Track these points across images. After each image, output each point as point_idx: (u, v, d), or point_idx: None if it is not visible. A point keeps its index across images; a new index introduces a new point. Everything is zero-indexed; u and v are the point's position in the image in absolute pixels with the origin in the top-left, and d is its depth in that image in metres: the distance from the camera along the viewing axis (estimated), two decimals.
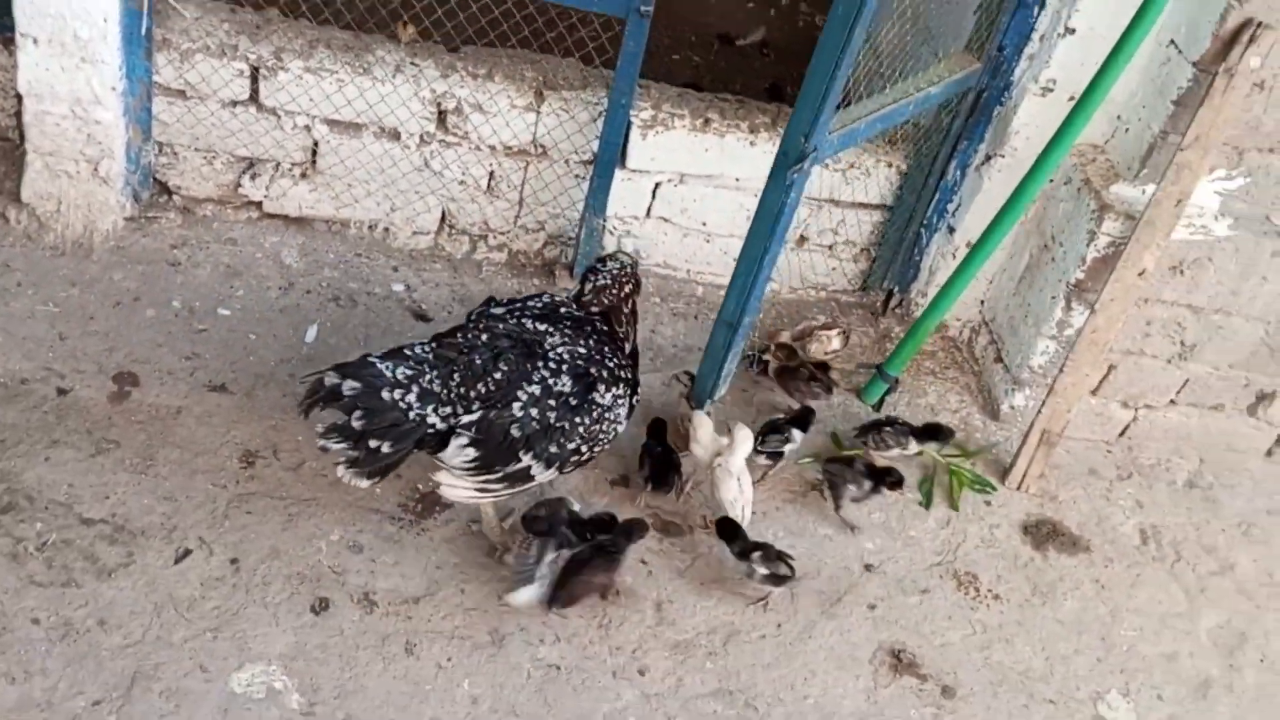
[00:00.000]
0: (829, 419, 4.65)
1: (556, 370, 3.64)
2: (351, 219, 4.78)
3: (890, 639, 4.02)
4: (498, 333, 3.69)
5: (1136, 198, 4.33)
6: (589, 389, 3.66)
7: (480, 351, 3.63)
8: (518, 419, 3.56)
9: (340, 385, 3.43)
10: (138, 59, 4.25)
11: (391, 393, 3.47)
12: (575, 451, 3.69)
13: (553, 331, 3.74)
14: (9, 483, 3.70)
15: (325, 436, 3.47)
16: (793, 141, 3.79)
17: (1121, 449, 4.94)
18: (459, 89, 4.47)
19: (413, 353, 3.60)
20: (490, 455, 3.57)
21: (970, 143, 4.69)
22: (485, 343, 3.66)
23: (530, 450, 3.60)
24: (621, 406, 3.78)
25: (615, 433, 3.81)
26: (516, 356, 3.63)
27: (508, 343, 3.66)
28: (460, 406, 3.55)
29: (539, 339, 3.71)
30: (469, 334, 3.70)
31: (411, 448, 3.53)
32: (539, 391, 3.60)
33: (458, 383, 3.56)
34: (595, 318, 3.86)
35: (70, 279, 4.33)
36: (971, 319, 5.10)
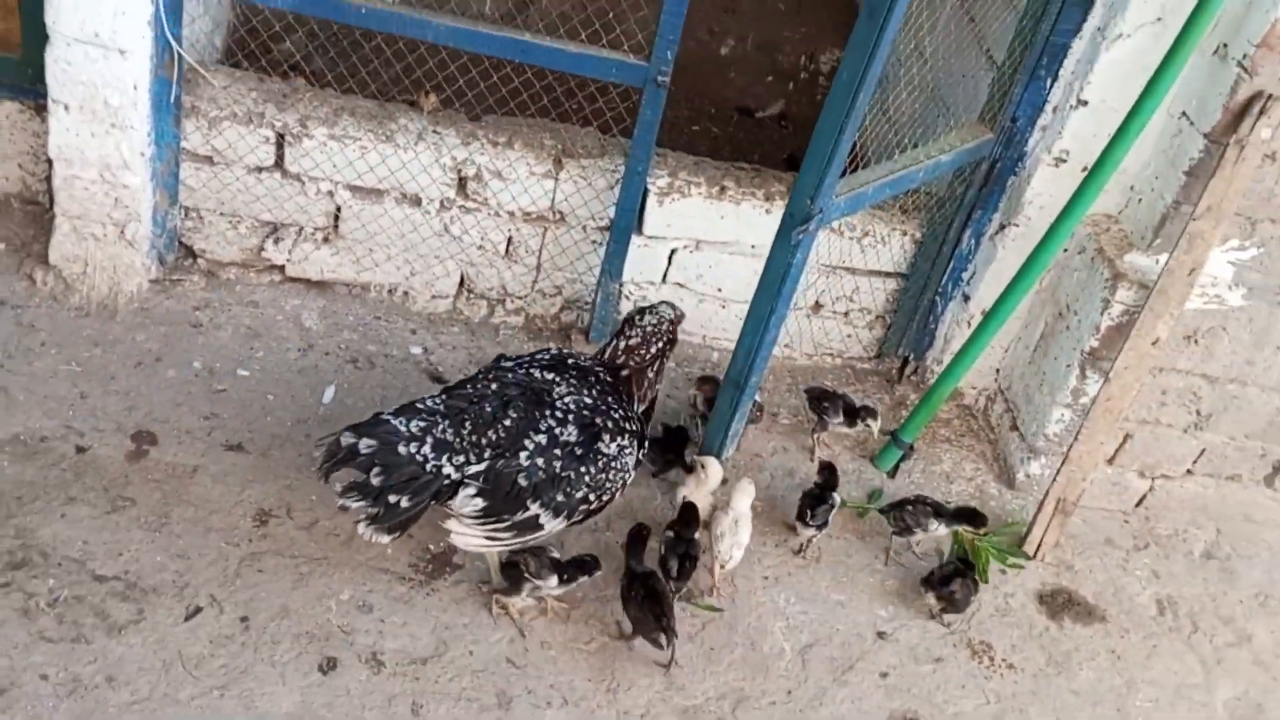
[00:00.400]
0: (852, 487, 4.64)
1: (563, 420, 3.68)
2: (372, 282, 4.85)
3: (903, 707, 3.98)
4: (506, 382, 3.75)
5: (1150, 267, 4.34)
6: (594, 439, 3.70)
7: (490, 399, 3.68)
8: (524, 468, 3.60)
9: (357, 444, 3.48)
10: (167, 125, 4.36)
11: (407, 446, 3.52)
12: (583, 500, 3.72)
13: (559, 381, 3.79)
14: (24, 539, 3.74)
15: (344, 495, 3.51)
16: (798, 203, 3.83)
17: (1138, 519, 4.90)
18: (479, 156, 4.55)
19: (424, 405, 3.65)
20: (498, 504, 3.62)
21: (984, 211, 4.72)
22: (494, 391, 3.71)
23: (538, 499, 3.64)
24: (628, 456, 3.80)
25: (623, 482, 3.84)
26: (525, 404, 3.68)
27: (516, 391, 3.71)
28: (473, 454, 3.59)
29: (546, 388, 3.75)
30: (478, 384, 3.75)
31: (429, 500, 3.56)
32: (545, 441, 3.63)
33: (469, 430, 3.60)
34: (599, 369, 3.91)
35: (94, 339, 4.41)
36: (987, 387, 5.09)
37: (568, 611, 3.95)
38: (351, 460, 3.48)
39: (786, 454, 4.74)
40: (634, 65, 4.28)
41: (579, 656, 3.87)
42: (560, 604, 3.95)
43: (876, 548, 4.46)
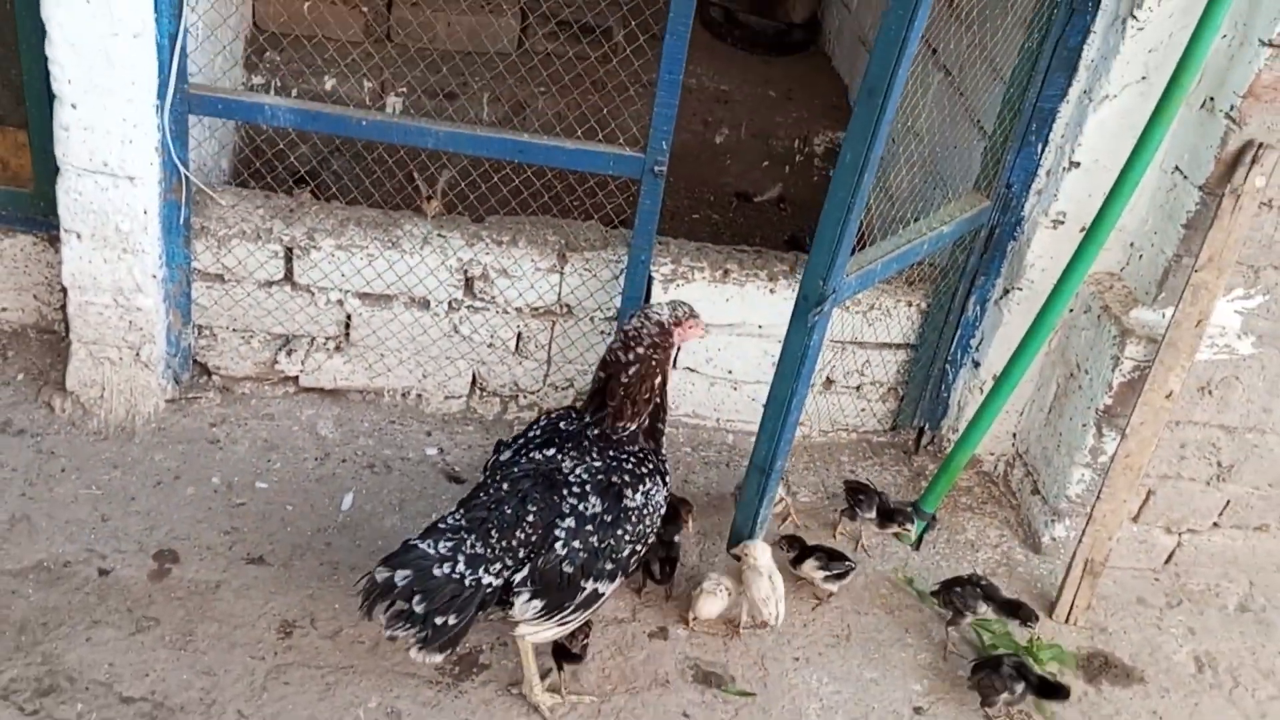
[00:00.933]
0: (876, 562, 4.61)
1: (582, 494, 3.66)
2: (385, 387, 4.89)
3: None
4: (514, 477, 3.72)
5: (1157, 321, 4.35)
6: (618, 499, 3.68)
7: (507, 500, 3.65)
8: (564, 556, 3.58)
9: (392, 577, 3.43)
10: (177, 247, 4.45)
11: (441, 568, 3.47)
12: (631, 554, 3.75)
13: (561, 455, 3.76)
14: (50, 664, 3.74)
15: (391, 626, 3.44)
16: (811, 285, 3.87)
17: (1169, 576, 4.84)
18: (484, 256, 4.62)
19: (447, 524, 3.61)
20: (555, 598, 3.60)
21: (987, 278, 4.76)
22: (508, 491, 3.68)
23: (589, 576, 3.63)
24: (656, 494, 3.79)
25: (656, 521, 3.84)
26: (540, 494, 3.65)
27: (528, 483, 3.68)
28: (508, 558, 3.56)
29: (554, 467, 3.73)
30: (491, 489, 3.73)
31: (475, 612, 3.50)
32: (574, 523, 3.61)
33: (497, 538, 3.56)
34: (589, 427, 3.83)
35: (113, 461, 4.44)
36: (1005, 452, 5.08)
37: (597, 705, 3.91)
38: (391, 593, 3.43)
39: (809, 532, 4.71)
40: (630, 158, 4.36)
41: None
42: (585, 696, 3.93)
43: (907, 621, 4.41)
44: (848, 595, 4.46)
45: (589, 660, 4.02)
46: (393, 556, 3.50)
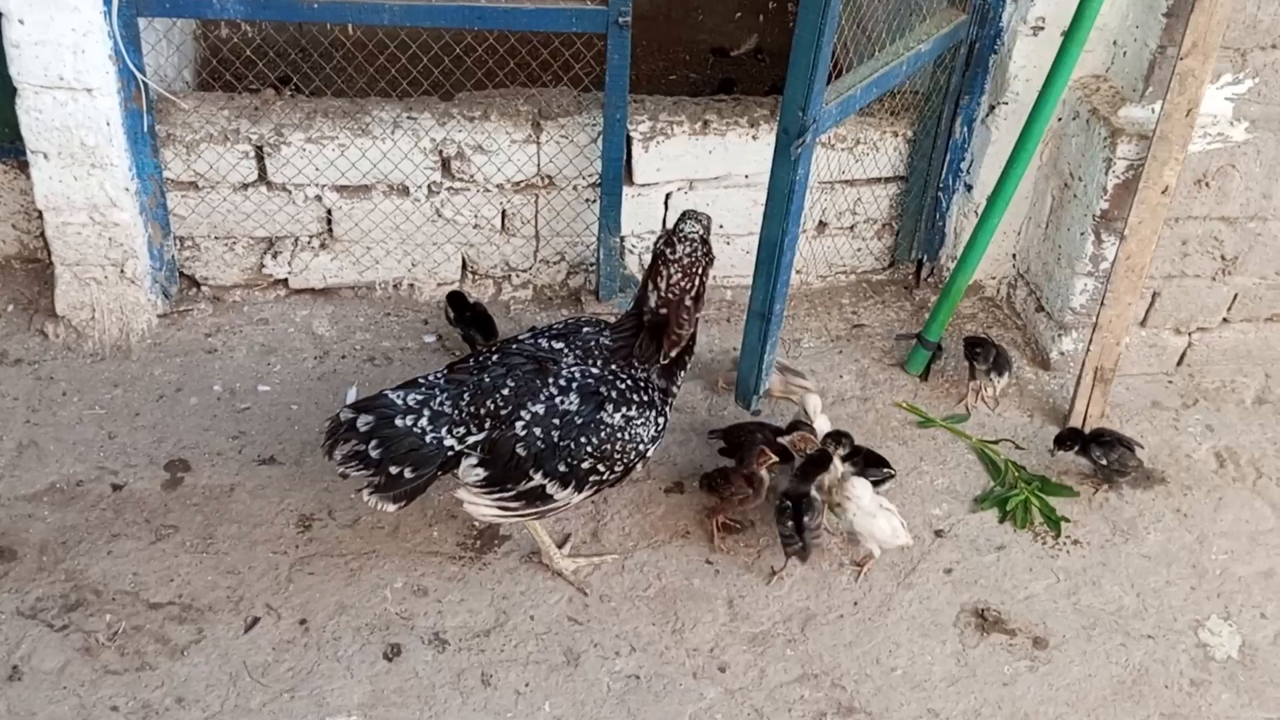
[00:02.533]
0: (884, 394, 4.59)
1: (565, 388, 3.61)
2: (375, 280, 4.85)
3: (972, 599, 3.92)
4: (511, 352, 3.70)
5: (1147, 118, 4.25)
6: (598, 408, 3.59)
7: (491, 370, 3.64)
8: (521, 438, 3.55)
9: (355, 420, 3.54)
10: (145, 157, 4.38)
11: (404, 419, 3.54)
12: (591, 471, 3.62)
13: (567, 350, 3.70)
14: (75, 580, 3.76)
15: (344, 464, 3.57)
16: (791, 117, 3.78)
17: (1183, 377, 4.80)
18: (457, 134, 4.54)
19: (425, 380, 3.66)
20: (499, 473, 3.59)
21: (971, 96, 4.65)
22: (496, 361, 3.67)
23: (540, 469, 3.57)
24: (639, 427, 3.65)
25: (638, 453, 3.69)
26: (525, 374, 3.62)
27: (520, 360, 3.66)
28: (473, 425, 3.58)
29: (552, 357, 3.68)
30: (482, 358, 3.73)
31: (435, 471, 3.57)
32: (543, 410, 3.57)
33: (468, 402, 3.58)
34: (610, 340, 3.72)
35: (113, 380, 4.43)
36: (1006, 275, 5.01)
37: (621, 561, 3.93)
38: (352, 435, 3.54)
39: (815, 376, 4.67)
40: (593, 11, 4.24)
41: (640, 604, 3.84)
42: (608, 556, 3.95)
43: (921, 450, 4.40)
44: (860, 431, 4.43)
45: (609, 521, 4.06)
46: (361, 400, 3.62)
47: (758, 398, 4.46)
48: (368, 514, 4.04)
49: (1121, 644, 3.82)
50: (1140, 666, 3.77)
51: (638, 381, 3.69)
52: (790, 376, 4.48)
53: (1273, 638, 3.90)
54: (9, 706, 3.41)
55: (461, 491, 3.64)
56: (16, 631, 3.59)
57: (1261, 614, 3.95)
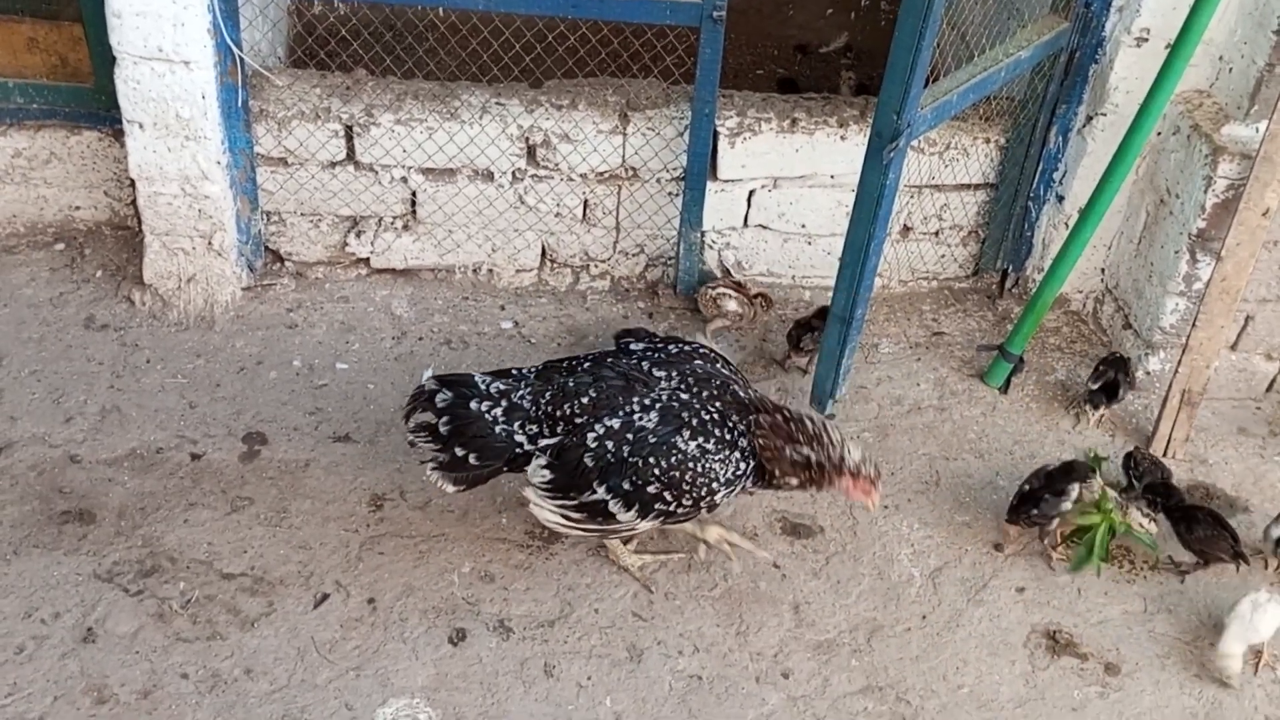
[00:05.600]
0: (963, 405, 4.53)
1: (647, 407, 3.52)
2: (455, 264, 4.87)
3: (1044, 620, 3.85)
4: (607, 364, 3.62)
5: (1250, 137, 4.13)
6: (674, 431, 3.47)
7: (579, 375, 3.60)
8: (591, 449, 3.48)
9: (437, 391, 3.57)
10: (238, 131, 4.43)
11: (480, 404, 3.55)
12: (657, 498, 3.48)
13: (668, 377, 3.59)
14: (151, 546, 3.83)
15: (414, 433, 3.62)
16: (885, 120, 3.72)
17: (1272, 404, 4.67)
18: (544, 121, 4.53)
19: (515, 373, 3.66)
20: (564, 480, 3.51)
21: (1069, 105, 4.55)
22: (586, 369, 3.62)
23: (604, 483, 3.48)
24: (715, 462, 3.48)
25: (709, 490, 3.51)
26: (610, 387, 3.55)
27: (610, 374, 3.59)
28: (547, 427, 3.55)
29: (645, 379, 3.58)
30: (576, 362, 3.67)
31: (502, 465, 3.56)
32: (618, 425, 3.49)
33: (548, 402, 3.55)
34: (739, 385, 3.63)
35: (195, 351, 4.50)
36: (1094, 289, 4.91)
37: (687, 559, 3.92)
38: (428, 405, 3.59)
39: (892, 383, 4.63)
40: (688, 4, 4.21)
41: (704, 604, 3.82)
42: (674, 554, 3.93)
43: (996, 465, 4.33)
44: (935, 441, 4.39)
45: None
46: (448, 376, 3.64)
47: (833, 401, 4.42)
48: (438, 497, 4.06)
49: (1196, 675, 3.74)
50: (1214, 699, 3.69)
51: (726, 419, 3.53)
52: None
53: None
54: (82, 668, 3.48)
55: (528, 491, 3.62)
56: (93, 594, 3.67)
57: None
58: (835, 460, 3.51)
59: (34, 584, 3.67)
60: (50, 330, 4.50)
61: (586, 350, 4.37)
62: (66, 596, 3.65)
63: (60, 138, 4.72)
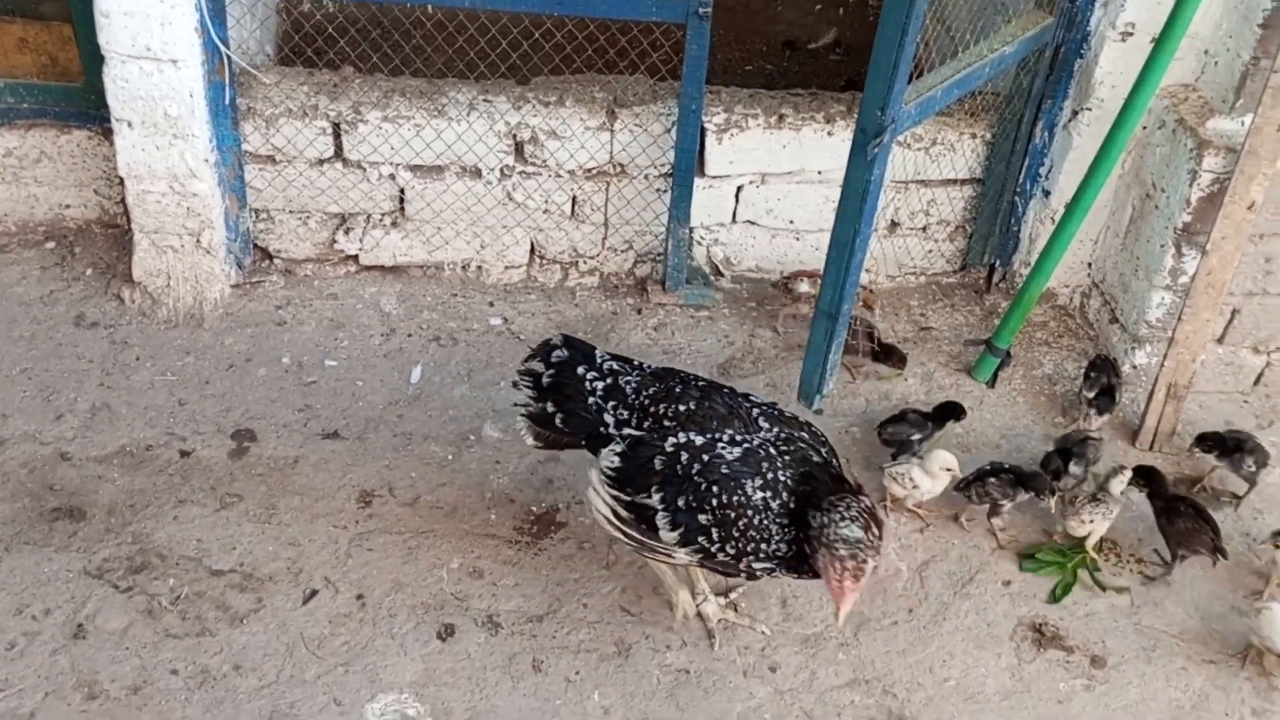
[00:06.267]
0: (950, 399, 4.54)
1: (736, 442, 3.40)
2: (444, 261, 4.88)
3: (1030, 614, 3.87)
4: (721, 391, 3.53)
5: (1236, 130, 4.15)
6: (749, 475, 3.32)
7: (688, 387, 3.52)
8: (666, 453, 3.38)
9: (556, 348, 3.62)
10: (226, 129, 4.44)
11: (585, 372, 3.56)
12: (703, 531, 3.33)
13: (770, 429, 3.44)
14: (141, 543, 3.84)
15: (520, 375, 3.66)
16: (869, 116, 3.73)
17: (1259, 397, 4.70)
18: (532, 118, 4.54)
19: (638, 363, 3.64)
20: (628, 472, 3.42)
21: (1054, 100, 4.57)
22: (700, 386, 3.54)
23: (662, 491, 3.36)
24: (775, 526, 3.29)
25: (755, 549, 3.32)
26: (710, 408, 3.46)
27: (719, 399, 3.49)
28: (636, 418, 3.51)
29: (749, 422, 3.45)
30: (695, 377, 3.60)
31: (582, 440, 3.55)
32: (701, 442, 3.38)
33: (647, 396, 3.50)
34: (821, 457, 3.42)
35: (185, 348, 4.51)
36: (1080, 283, 4.93)
37: None
38: (543, 356, 3.63)
39: (879, 378, 4.65)
40: (673, 0, 4.22)
41: None
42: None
43: (983, 458, 4.31)
44: None
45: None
46: (575, 339, 3.69)
47: (821, 397, 4.43)
48: (427, 493, 4.08)
49: (1182, 668, 3.75)
50: (1201, 692, 3.70)
51: (797, 494, 3.32)
52: None
53: None
54: (73, 664, 3.49)
55: (592, 473, 3.54)
56: (83, 590, 3.68)
57: None
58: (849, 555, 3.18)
59: (25, 581, 3.69)
60: (41, 328, 4.51)
61: None
62: (57, 593, 3.66)
63: (50, 137, 4.74)
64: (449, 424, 4.34)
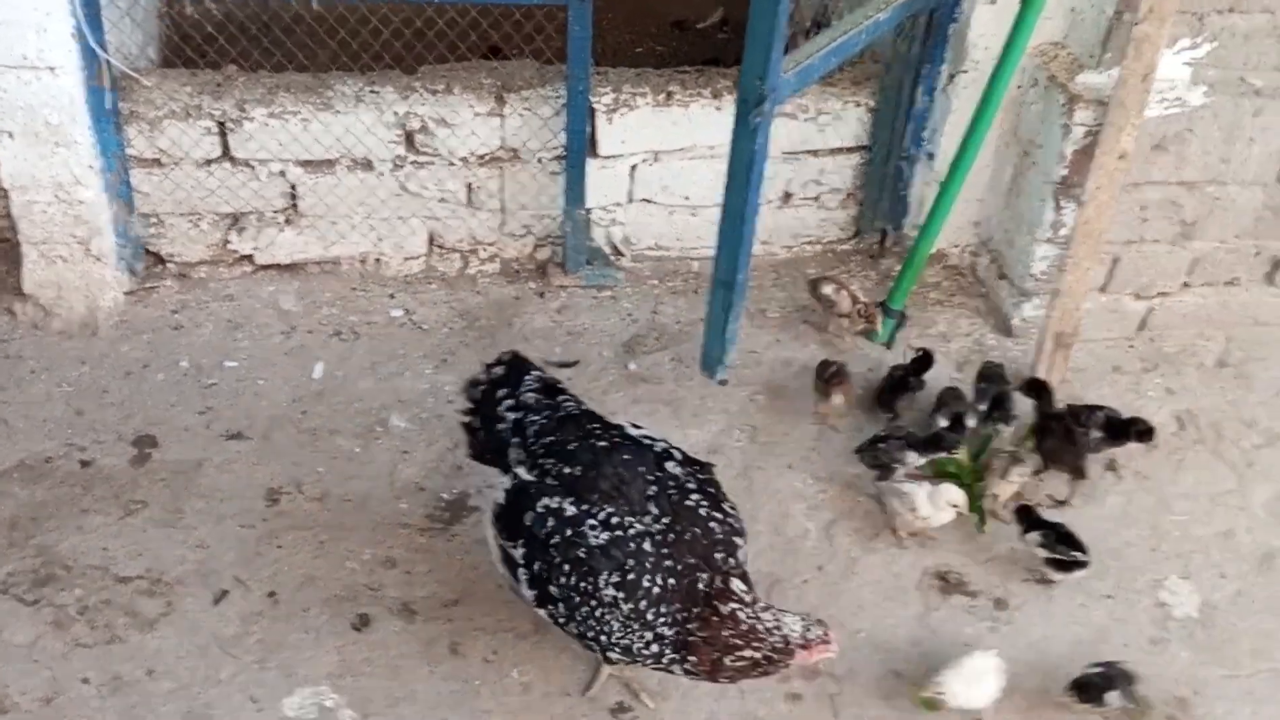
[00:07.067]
0: (851, 364, 4.63)
1: (606, 524, 3.15)
2: (341, 255, 4.85)
3: (935, 563, 3.98)
4: (621, 456, 3.27)
5: (1104, 84, 4.28)
6: (601, 566, 3.11)
7: (585, 446, 3.31)
8: (536, 513, 3.22)
9: (501, 364, 3.59)
10: (109, 135, 4.37)
11: (504, 397, 3.49)
12: (552, 600, 3.18)
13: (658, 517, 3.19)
14: (45, 555, 3.79)
15: (469, 387, 3.62)
16: (749, 86, 3.78)
17: (1143, 342, 4.86)
18: (420, 107, 4.54)
19: (566, 394, 3.53)
20: (506, 515, 3.32)
21: (932, 65, 4.66)
22: (599, 448, 3.29)
23: (525, 549, 3.23)
24: (617, 624, 3.10)
25: (599, 643, 3.17)
26: (593, 478, 3.22)
27: (611, 469, 3.23)
28: (530, 462, 3.34)
29: (634, 510, 3.18)
30: (602, 431, 3.38)
31: (502, 463, 3.42)
32: (570, 514, 3.18)
33: (543, 446, 3.34)
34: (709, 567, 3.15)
35: (80, 358, 4.44)
36: (969, 243, 5.05)
37: None
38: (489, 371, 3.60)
39: (781, 345, 4.73)
40: None
41: None
42: None
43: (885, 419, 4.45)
44: None
45: None
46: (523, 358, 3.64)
47: (723, 367, 4.49)
48: (336, 487, 4.08)
49: (1082, 604, 3.89)
50: (1100, 626, 3.84)
51: (665, 599, 3.10)
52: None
53: (1232, 597, 3.97)
54: None
55: (487, 503, 3.47)
56: None
57: (1220, 574, 4.02)
58: (779, 647, 3.06)
59: None
60: None
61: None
62: None
63: None
64: (355, 417, 4.33)
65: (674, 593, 3.09)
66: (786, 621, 3.05)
